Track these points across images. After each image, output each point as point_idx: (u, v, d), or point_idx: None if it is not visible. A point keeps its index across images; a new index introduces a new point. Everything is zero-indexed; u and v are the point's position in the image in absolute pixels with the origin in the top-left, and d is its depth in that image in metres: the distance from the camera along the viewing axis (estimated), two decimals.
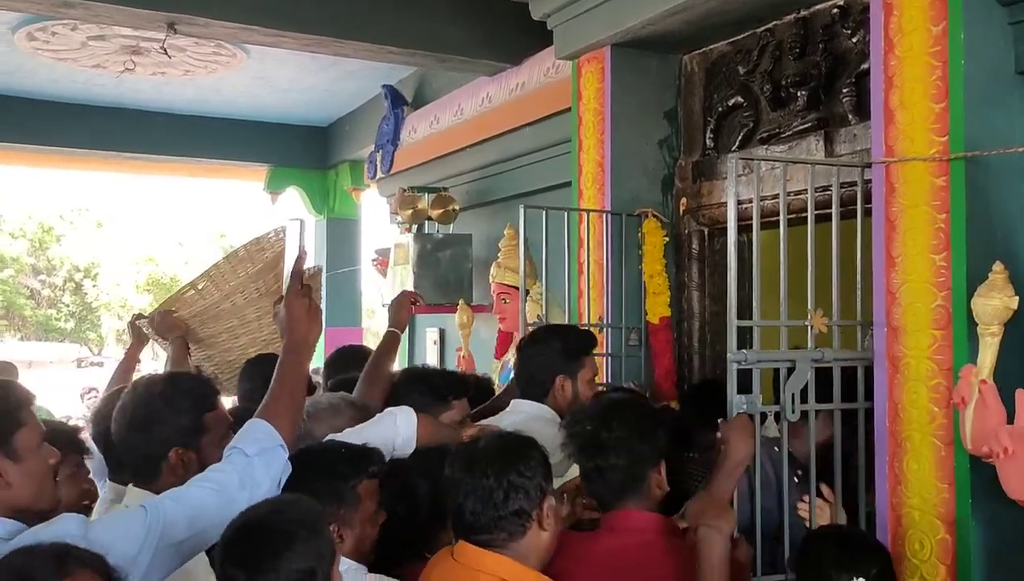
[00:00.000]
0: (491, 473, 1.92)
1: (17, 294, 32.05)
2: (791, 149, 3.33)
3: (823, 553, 2.17)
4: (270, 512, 1.73)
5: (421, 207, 5.49)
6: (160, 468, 2.09)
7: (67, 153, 7.82)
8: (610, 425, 2.22)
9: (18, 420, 1.76)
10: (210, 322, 3.74)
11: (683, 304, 3.89)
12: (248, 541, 1.66)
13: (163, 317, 3.73)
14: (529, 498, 1.93)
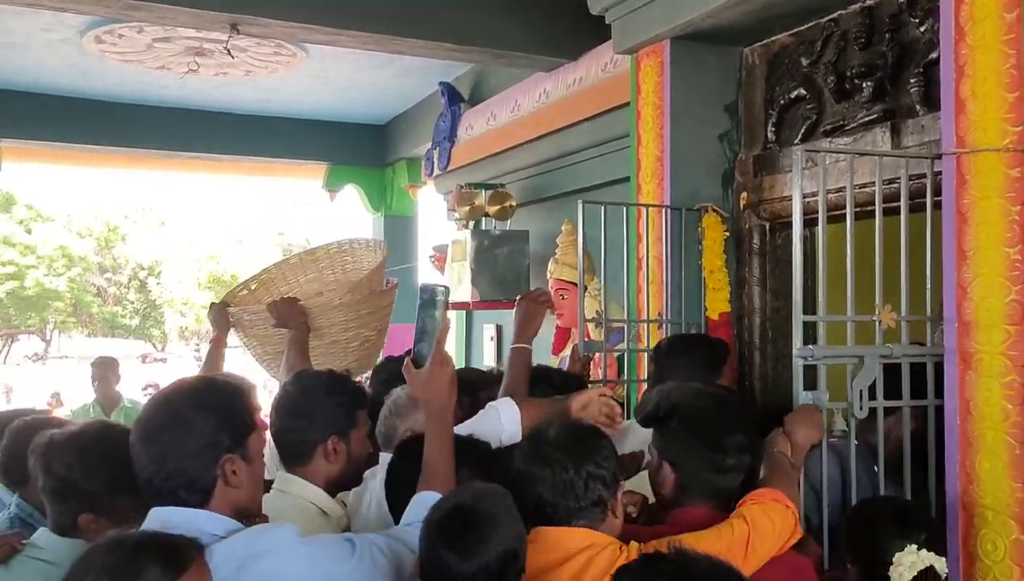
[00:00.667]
0: (570, 465, 1.95)
1: (85, 292, 32.94)
2: (856, 141, 3.26)
3: (875, 520, 2.18)
4: (473, 498, 1.79)
5: (478, 203, 5.50)
6: (314, 454, 2.32)
7: (132, 153, 8.00)
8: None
9: (252, 424, 1.87)
10: (325, 313, 3.76)
11: (743, 300, 3.84)
12: (457, 526, 1.73)
13: (288, 304, 3.71)
14: (607, 486, 1.98)
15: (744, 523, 1.99)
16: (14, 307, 31.52)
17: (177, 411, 1.81)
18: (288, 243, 35.71)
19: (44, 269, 30.84)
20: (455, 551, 1.71)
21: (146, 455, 1.78)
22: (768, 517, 2.02)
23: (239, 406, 1.87)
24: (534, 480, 1.97)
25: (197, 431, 1.78)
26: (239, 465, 1.80)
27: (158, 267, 34.49)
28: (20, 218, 30.79)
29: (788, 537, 2.06)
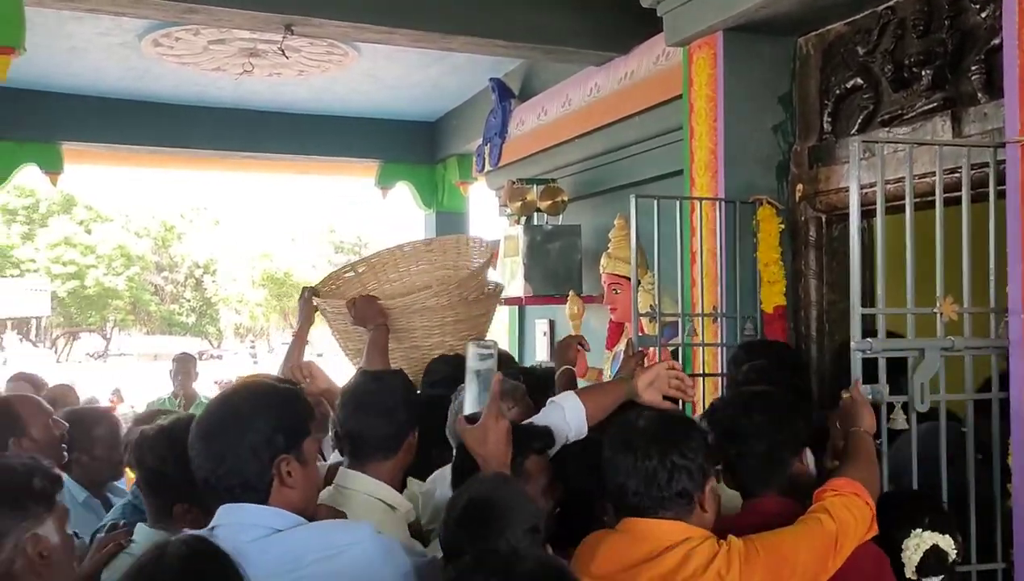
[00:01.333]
0: (653, 454, 1.95)
1: (143, 290, 33.63)
2: (915, 131, 3.20)
3: (887, 510, 2.17)
4: (487, 489, 1.86)
5: (530, 199, 5.51)
6: (399, 450, 2.34)
7: (189, 154, 8.14)
8: (750, 413, 2.24)
9: (307, 428, 1.89)
10: (406, 316, 3.54)
11: (799, 293, 3.80)
12: (478, 518, 1.79)
13: (368, 303, 3.53)
14: (692, 479, 1.96)
15: (832, 520, 1.98)
16: (75, 306, 32.32)
17: (236, 411, 1.84)
18: (340, 240, 36.13)
19: (104, 268, 31.56)
20: (484, 541, 1.73)
21: (204, 453, 1.81)
22: (851, 512, 2.01)
23: (296, 408, 1.89)
24: (619, 469, 1.98)
25: (254, 431, 1.80)
26: (294, 466, 1.82)
27: (213, 265, 35.09)
28: (80, 219, 31.54)
29: (865, 533, 2.05)
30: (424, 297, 3.53)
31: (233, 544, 1.63)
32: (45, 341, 34.79)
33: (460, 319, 3.52)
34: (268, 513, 1.78)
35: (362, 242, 36.34)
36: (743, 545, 1.91)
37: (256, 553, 1.68)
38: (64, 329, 34.85)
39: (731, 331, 3.73)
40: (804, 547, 1.93)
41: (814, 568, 1.95)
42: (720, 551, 1.89)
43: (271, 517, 1.78)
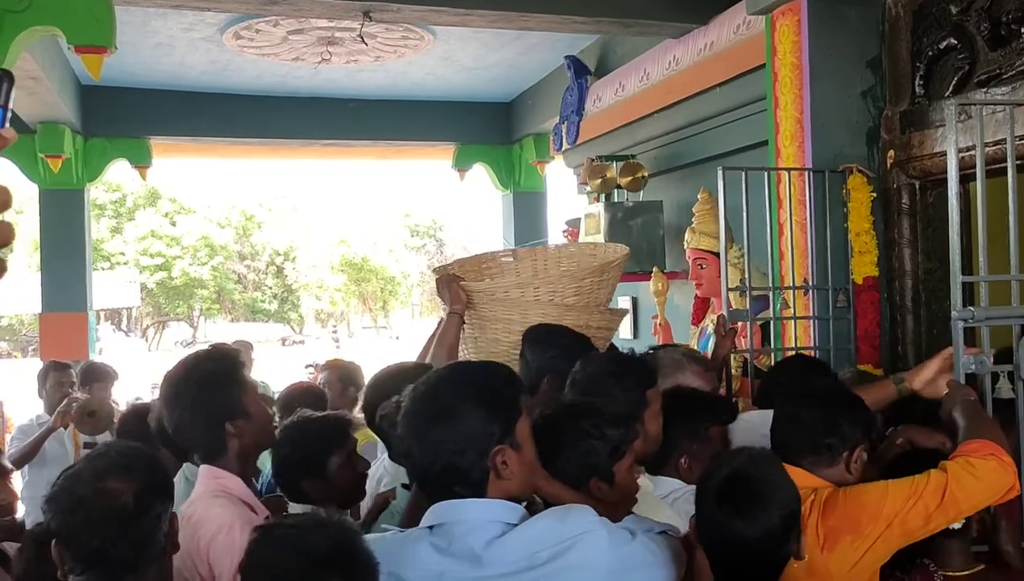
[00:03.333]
0: (821, 407, 2.18)
1: (227, 279, 34.50)
2: (1014, 91, 3.09)
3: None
4: (749, 465, 1.86)
5: (610, 176, 5.48)
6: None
7: (270, 144, 8.33)
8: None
9: (518, 410, 1.76)
10: (495, 304, 3.16)
11: (893, 262, 3.71)
12: (739, 492, 1.79)
13: (446, 284, 3.18)
14: (844, 441, 2.14)
15: (943, 475, 2.00)
16: (163, 296, 33.34)
17: (444, 405, 1.71)
18: (415, 224, 36.46)
19: (189, 259, 32.46)
20: (740, 516, 1.76)
21: (417, 450, 1.72)
22: (972, 472, 1.99)
23: (507, 394, 1.76)
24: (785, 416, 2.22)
25: (465, 426, 1.68)
26: (509, 455, 1.70)
27: (293, 252, 35.77)
28: (165, 211, 32.46)
29: (1004, 491, 2.03)
30: (508, 284, 3.24)
31: (464, 546, 1.62)
32: (136, 331, 36.00)
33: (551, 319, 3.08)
34: (496, 507, 1.69)
35: (437, 225, 36.64)
36: (828, 493, 2.07)
37: (496, 554, 1.63)
38: (153, 319, 35.99)
39: (822, 303, 3.67)
40: (895, 498, 2.00)
41: (908, 520, 1.99)
42: (811, 498, 2.03)
43: (500, 511, 1.69)
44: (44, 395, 5.05)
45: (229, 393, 2.26)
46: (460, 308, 3.10)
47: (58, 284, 7.62)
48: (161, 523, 1.77)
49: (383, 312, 38.53)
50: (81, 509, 1.71)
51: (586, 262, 3.44)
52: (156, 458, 1.88)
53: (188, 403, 2.24)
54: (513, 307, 3.10)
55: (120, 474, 1.74)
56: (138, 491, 1.74)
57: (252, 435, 2.28)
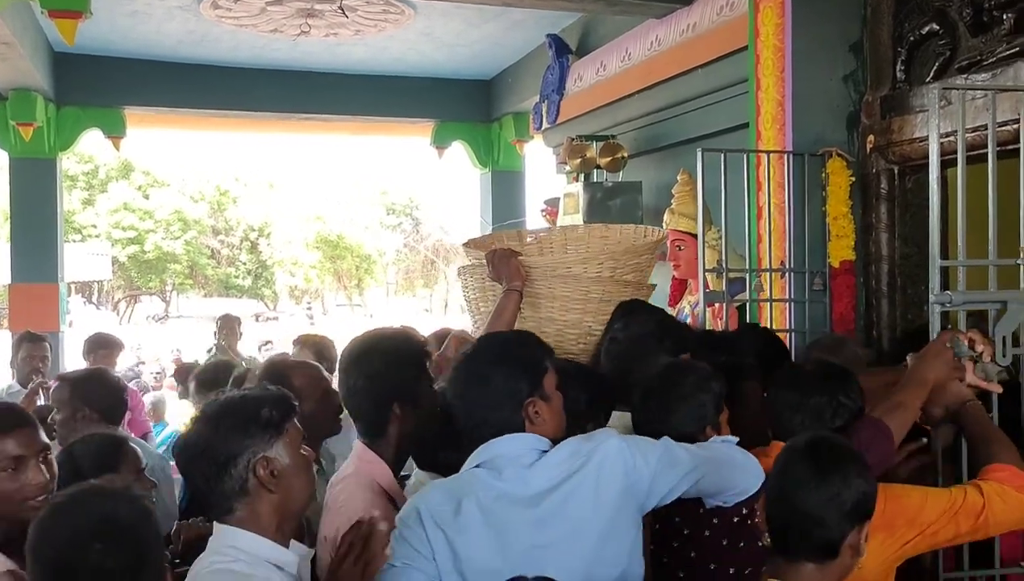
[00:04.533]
0: (823, 392, 2.18)
1: (200, 254, 34.17)
2: (995, 77, 3.10)
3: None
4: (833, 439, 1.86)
5: (589, 156, 5.47)
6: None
7: (246, 116, 8.23)
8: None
9: (545, 366, 2.05)
10: (549, 281, 3.01)
11: (870, 246, 3.73)
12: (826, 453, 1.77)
13: (506, 258, 2.98)
14: (853, 417, 2.16)
15: (980, 497, 2.03)
16: (136, 270, 32.98)
17: (477, 370, 2.04)
18: (392, 202, 36.28)
19: (162, 233, 32.11)
20: (821, 475, 1.72)
21: (460, 411, 2.04)
22: (1006, 501, 2.03)
23: (531, 355, 2.06)
24: (787, 402, 2.21)
25: (495, 386, 1.99)
26: (540, 406, 2.00)
27: (267, 228, 35.48)
28: (138, 184, 32.07)
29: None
30: (572, 260, 3.08)
31: (514, 470, 1.93)
32: (107, 304, 35.64)
33: (606, 300, 2.98)
34: (530, 439, 1.97)
35: (414, 204, 36.48)
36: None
37: (541, 473, 1.93)
38: (125, 293, 35.63)
39: (799, 286, 3.68)
40: (933, 508, 2.01)
41: (939, 533, 2.03)
42: None
43: (533, 442, 1.97)
44: (15, 366, 5.01)
45: (407, 374, 2.33)
46: (520, 285, 2.94)
47: (28, 255, 7.52)
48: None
49: (358, 290, 38.34)
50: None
51: (629, 241, 3.35)
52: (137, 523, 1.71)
53: (366, 372, 2.31)
54: (574, 283, 2.99)
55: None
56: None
57: (415, 424, 2.32)
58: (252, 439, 1.82)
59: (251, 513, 1.83)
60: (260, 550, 1.81)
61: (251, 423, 1.84)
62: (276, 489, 1.83)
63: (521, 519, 1.90)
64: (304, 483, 1.90)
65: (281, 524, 1.86)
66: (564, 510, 1.90)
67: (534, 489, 1.91)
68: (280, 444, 1.85)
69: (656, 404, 2.23)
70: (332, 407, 2.81)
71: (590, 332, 2.97)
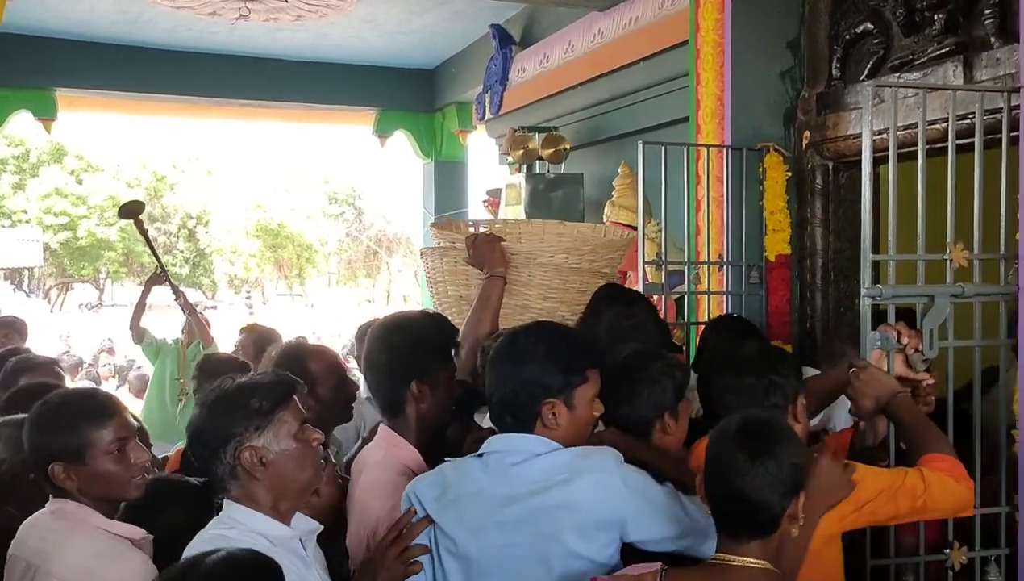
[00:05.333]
0: (756, 373, 2.19)
1: (135, 241, 33.40)
2: (926, 77, 3.17)
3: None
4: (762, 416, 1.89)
5: (532, 147, 5.48)
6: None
7: (183, 101, 8.07)
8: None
9: (585, 376, 2.01)
10: (530, 269, 3.04)
11: (805, 241, 3.79)
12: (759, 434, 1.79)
13: (491, 244, 2.97)
14: (785, 396, 2.17)
15: (920, 480, 2.06)
16: (68, 257, 32.16)
17: (518, 349, 2.01)
18: (334, 191, 35.92)
19: (96, 219, 31.35)
20: (755, 459, 1.75)
21: (488, 378, 2.05)
22: (945, 489, 2.06)
23: (577, 359, 2.01)
24: (724, 385, 2.21)
25: (528, 371, 1.96)
26: (560, 409, 1.97)
27: (206, 216, 34.88)
28: (71, 169, 31.26)
29: (961, 512, 2.16)
30: (554, 250, 3.10)
31: (500, 466, 1.94)
32: (38, 292, 34.72)
33: (582, 290, 3.02)
34: (534, 441, 1.96)
35: (356, 193, 36.17)
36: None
37: (522, 474, 1.92)
38: (57, 280, 34.74)
39: (736, 279, 3.73)
40: (872, 486, 2.03)
41: (877, 511, 2.07)
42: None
43: (534, 444, 1.96)
44: None
45: (430, 355, 2.32)
46: (504, 271, 2.94)
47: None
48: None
49: (299, 279, 37.90)
50: None
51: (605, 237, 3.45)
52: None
53: (389, 346, 2.33)
54: (554, 272, 3.03)
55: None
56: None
57: (432, 407, 2.32)
58: (238, 427, 1.86)
59: (245, 493, 1.88)
60: (254, 524, 1.86)
61: (238, 412, 1.87)
62: (263, 476, 1.86)
63: (491, 518, 1.91)
64: (299, 468, 1.91)
65: (277, 503, 1.89)
66: (533, 519, 1.89)
67: (510, 490, 1.92)
68: (269, 433, 1.88)
69: (619, 389, 2.22)
70: (346, 394, 2.83)
71: (563, 321, 2.91)
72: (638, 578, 1.79)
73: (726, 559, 1.76)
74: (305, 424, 1.94)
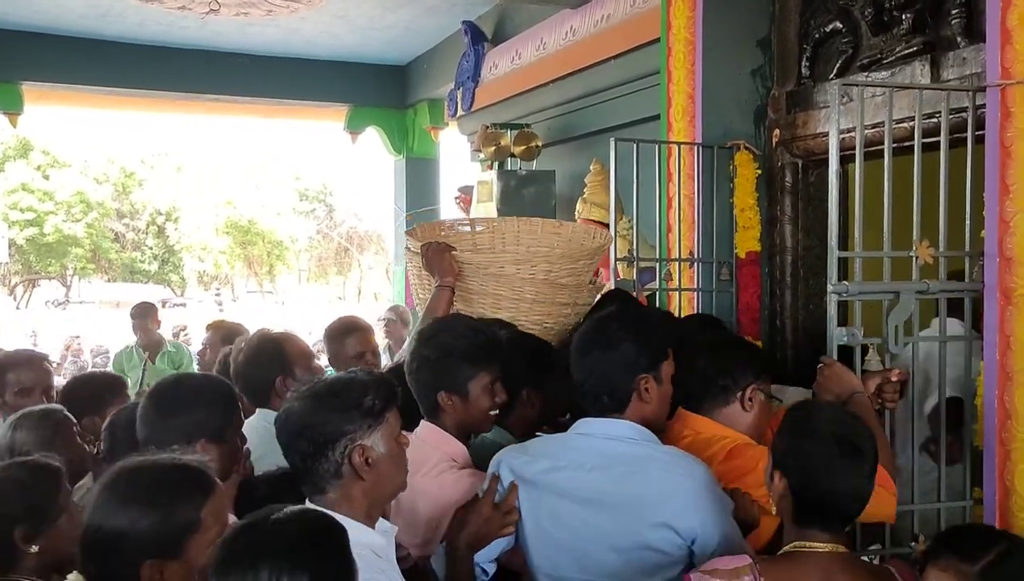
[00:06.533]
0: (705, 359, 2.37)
1: (103, 237, 33.06)
2: (894, 76, 3.20)
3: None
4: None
5: (504, 144, 5.48)
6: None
7: (152, 96, 7.98)
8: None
9: (667, 352, 2.20)
10: (482, 278, 2.98)
11: (775, 238, 3.82)
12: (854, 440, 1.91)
13: (439, 253, 2.96)
14: (735, 381, 2.34)
15: None
16: (34, 253, 31.74)
17: (606, 335, 2.18)
18: (305, 188, 35.71)
19: (63, 215, 30.95)
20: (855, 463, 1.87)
21: (578, 367, 2.17)
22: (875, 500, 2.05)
23: (660, 337, 2.22)
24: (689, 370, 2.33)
25: (620, 353, 2.14)
26: (651, 384, 2.15)
27: (175, 212, 34.56)
28: (37, 164, 30.84)
29: (882, 519, 2.25)
30: (505, 259, 3.04)
31: (589, 447, 2.10)
32: (3, 288, 34.22)
33: (539, 301, 2.98)
34: (623, 426, 2.12)
35: (327, 190, 35.98)
36: (737, 444, 2.28)
37: (605, 455, 2.07)
38: (23, 277, 34.26)
39: (707, 276, 3.75)
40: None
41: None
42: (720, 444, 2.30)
43: (625, 429, 2.11)
44: None
45: (461, 367, 2.37)
46: (452, 281, 2.93)
47: None
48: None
49: (269, 277, 37.67)
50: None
51: (576, 241, 3.34)
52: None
53: (435, 346, 2.40)
54: (506, 283, 2.95)
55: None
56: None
57: (462, 416, 2.39)
58: (352, 425, 1.87)
59: (343, 496, 1.87)
60: (354, 534, 1.78)
61: (353, 409, 1.88)
62: (368, 477, 1.87)
63: (573, 495, 2.07)
64: (396, 472, 1.94)
65: (370, 510, 1.91)
66: (614, 505, 2.02)
67: (596, 472, 2.06)
68: (378, 433, 1.89)
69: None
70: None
71: (527, 328, 2.93)
72: (732, 572, 1.83)
73: (809, 547, 1.86)
74: (401, 428, 1.97)
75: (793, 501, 1.88)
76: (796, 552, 1.87)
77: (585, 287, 3.15)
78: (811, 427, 1.92)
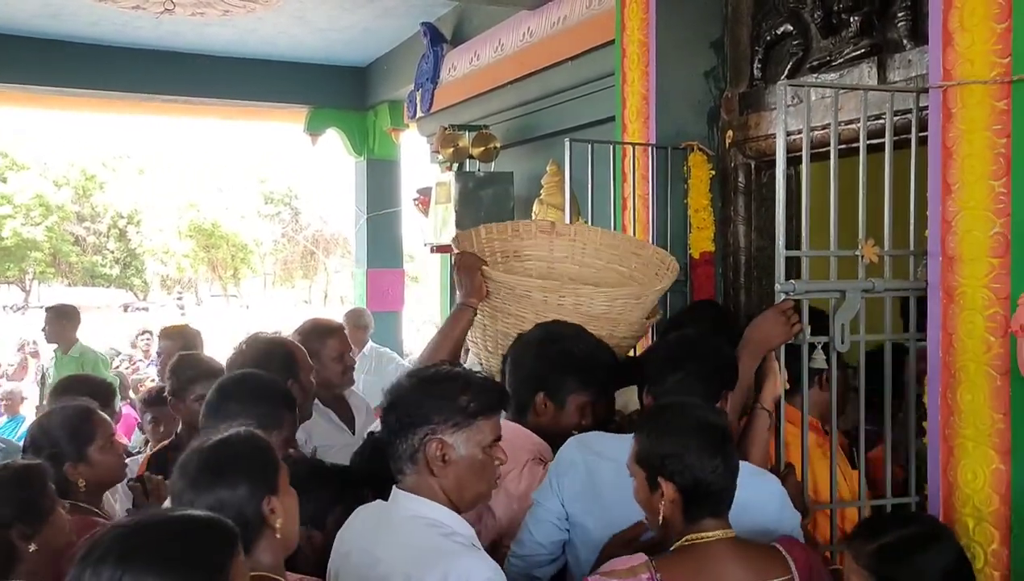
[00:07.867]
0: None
1: (63, 241, 32.59)
2: (842, 77, 3.24)
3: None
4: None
5: (462, 145, 5.47)
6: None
7: (108, 96, 7.88)
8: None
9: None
10: (511, 298, 2.81)
11: (728, 239, 3.84)
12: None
13: (469, 270, 2.81)
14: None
15: None
16: None
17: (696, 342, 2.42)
18: (270, 190, 35.43)
19: (21, 218, 30.48)
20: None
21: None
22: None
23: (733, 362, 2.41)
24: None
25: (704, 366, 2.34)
26: (728, 394, 2.34)
27: (137, 216, 34.15)
28: None
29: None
30: (531, 286, 2.81)
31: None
32: None
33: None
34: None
35: (292, 193, 35.73)
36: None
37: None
38: None
39: None
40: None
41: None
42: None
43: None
44: None
45: (572, 379, 2.44)
46: (476, 302, 2.79)
47: None
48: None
49: (233, 280, 37.33)
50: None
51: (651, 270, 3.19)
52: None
53: (558, 350, 2.45)
54: (530, 307, 2.77)
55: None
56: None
57: (548, 424, 2.44)
58: (439, 416, 1.87)
59: (417, 485, 1.90)
60: (449, 522, 1.88)
61: (445, 401, 1.89)
62: (439, 472, 1.88)
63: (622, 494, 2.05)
64: (475, 480, 1.92)
65: (452, 505, 1.90)
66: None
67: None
68: (463, 434, 1.88)
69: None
70: (311, 388, 3.02)
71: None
72: (629, 570, 1.83)
73: (703, 537, 1.88)
74: (498, 442, 1.95)
75: (683, 502, 1.89)
76: (690, 545, 1.89)
77: (627, 323, 2.91)
78: (673, 425, 1.94)
